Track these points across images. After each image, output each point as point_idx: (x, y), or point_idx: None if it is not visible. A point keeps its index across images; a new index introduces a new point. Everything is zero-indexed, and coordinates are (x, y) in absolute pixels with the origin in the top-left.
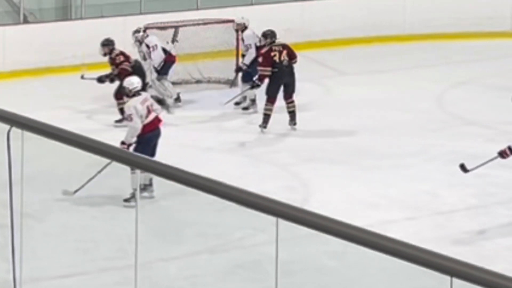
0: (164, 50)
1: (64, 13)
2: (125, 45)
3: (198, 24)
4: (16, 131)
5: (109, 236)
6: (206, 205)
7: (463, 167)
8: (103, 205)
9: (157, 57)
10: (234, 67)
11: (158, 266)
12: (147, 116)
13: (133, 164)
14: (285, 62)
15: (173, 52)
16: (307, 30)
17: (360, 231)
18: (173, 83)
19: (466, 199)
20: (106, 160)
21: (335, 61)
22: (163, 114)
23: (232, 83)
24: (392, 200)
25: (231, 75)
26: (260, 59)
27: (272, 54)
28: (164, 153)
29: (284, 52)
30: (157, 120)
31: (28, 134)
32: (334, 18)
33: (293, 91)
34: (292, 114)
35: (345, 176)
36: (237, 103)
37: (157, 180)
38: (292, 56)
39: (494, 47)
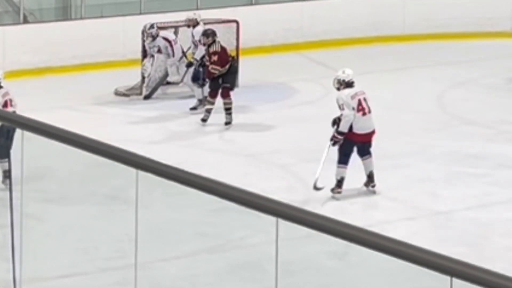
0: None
1: (64, 13)
2: (125, 45)
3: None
4: (15, 131)
5: (109, 236)
6: (206, 205)
7: (316, 188)
8: (103, 205)
9: (179, 51)
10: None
11: (158, 266)
12: None
13: (133, 164)
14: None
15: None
16: (307, 30)
17: (360, 231)
18: (173, 83)
19: (466, 199)
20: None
21: (335, 61)
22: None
23: (181, 79)
24: (392, 200)
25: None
26: (215, 58)
27: (228, 51)
28: (164, 153)
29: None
30: None
31: (28, 134)
32: (334, 18)
33: (232, 88)
34: (228, 110)
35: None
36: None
37: (157, 180)
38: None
39: (494, 47)
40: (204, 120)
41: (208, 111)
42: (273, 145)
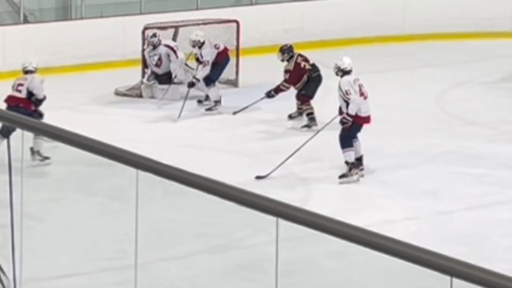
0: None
1: (64, 13)
2: (125, 45)
3: (198, 24)
4: (15, 131)
5: (109, 236)
6: (206, 205)
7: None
8: (103, 205)
9: (181, 54)
10: (234, 68)
11: (158, 266)
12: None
13: (134, 164)
14: (315, 65)
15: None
16: (307, 30)
17: (360, 231)
18: (173, 83)
19: (466, 199)
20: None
21: (335, 61)
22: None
23: (185, 98)
24: (392, 200)
25: (231, 75)
26: (287, 76)
27: (302, 65)
28: (164, 153)
29: (306, 58)
30: None
31: (28, 134)
32: (334, 18)
33: (312, 96)
34: (310, 115)
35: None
36: (199, 101)
37: (157, 180)
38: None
39: (494, 47)
40: (308, 126)
41: (311, 119)
42: (273, 145)
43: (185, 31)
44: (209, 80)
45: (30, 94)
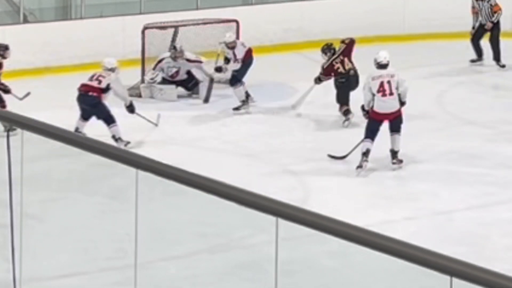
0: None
1: (64, 13)
2: (125, 45)
3: (198, 24)
4: (16, 131)
5: (109, 236)
6: (206, 205)
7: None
8: (103, 205)
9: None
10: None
11: (158, 266)
12: None
13: (134, 164)
14: (351, 71)
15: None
16: (307, 30)
17: (360, 231)
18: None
19: (466, 199)
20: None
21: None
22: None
23: (210, 82)
24: (392, 200)
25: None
26: (321, 70)
27: (336, 67)
28: (164, 153)
29: (346, 60)
30: None
31: (28, 134)
32: (334, 18)
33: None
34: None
35: (345, 176)
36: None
37: (157, 180)
38: (350, 56)
39: None
40: (347, 120)
41: (346, 112)
42: (273, 145)
43: (185, 31)
44: (235, 80)
45: (107, 88)
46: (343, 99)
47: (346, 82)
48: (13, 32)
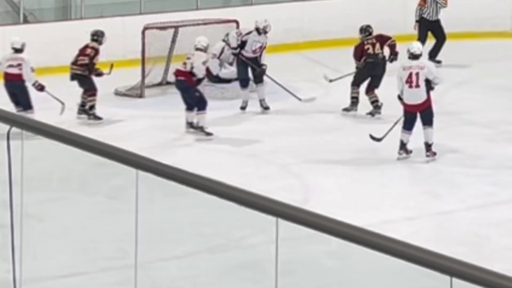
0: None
1: (64, 13)
2: (125, 45)
3: (198, 24)
4: (16, 131)
5: (109, 236)
6: (206, 205)
7: (374, 138)
8: (103, 205)
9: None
10: (234, 68)
11: (158, 266)
12: None
13: (134, 164)
14: (380, 55)
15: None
16: (307, 30)
17: (360, 231)
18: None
19: (466, 199)
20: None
21: (335, 61)
22: None
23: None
24: (392, 200)
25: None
26: (353, 52)
27: (366, 47)
28: (164, 153)
29: (377, 45)
30: None
31: (28, 134)
32: (334, 18)
33: (376, 86)
34: (374, 103)
35: (345, 176)
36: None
37: (157, 180)
38: (384, 45)
39: (494, 47)
40: (347, 109)
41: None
42: (273, 145)
43: (185, 31)
44: (245, 81)
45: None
46: (357, 80)
47: (370, 65)
48: (13, 32)
